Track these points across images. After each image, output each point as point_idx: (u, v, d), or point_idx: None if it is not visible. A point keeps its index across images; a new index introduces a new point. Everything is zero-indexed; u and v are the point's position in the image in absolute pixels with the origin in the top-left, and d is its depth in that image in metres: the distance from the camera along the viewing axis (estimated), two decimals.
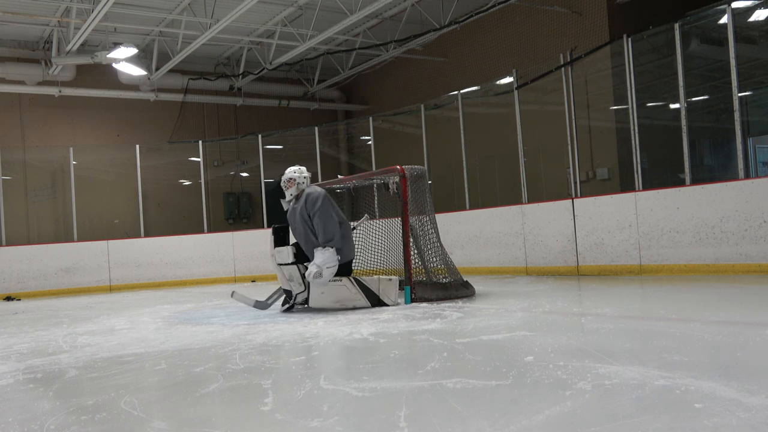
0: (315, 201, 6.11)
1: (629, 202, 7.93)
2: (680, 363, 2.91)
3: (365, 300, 5.99)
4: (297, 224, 6.25)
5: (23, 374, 3.69)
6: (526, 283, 7.85)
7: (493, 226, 9.77)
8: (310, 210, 6.11)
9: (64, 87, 13.39)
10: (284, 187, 6.35)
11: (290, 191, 6.32)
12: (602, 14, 10.73)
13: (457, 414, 2.36)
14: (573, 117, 8.96)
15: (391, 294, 6.06)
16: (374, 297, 6.00)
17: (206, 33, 11.40)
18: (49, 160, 13.65)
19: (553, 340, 3.69)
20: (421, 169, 6.67)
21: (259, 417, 2.54)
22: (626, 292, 6.15)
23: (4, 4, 10.73)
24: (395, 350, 3.80)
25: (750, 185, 6.92)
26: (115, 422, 2.56)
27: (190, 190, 14.04)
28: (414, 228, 6.46)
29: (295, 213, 6.27)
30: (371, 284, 6.04)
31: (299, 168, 6.38)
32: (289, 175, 6.34)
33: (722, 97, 9.25)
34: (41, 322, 6.61)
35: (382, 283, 6.07)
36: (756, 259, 6.76)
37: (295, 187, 6.31)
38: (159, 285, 11.68)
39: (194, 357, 3.98)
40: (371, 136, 12.79)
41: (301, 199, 6.27)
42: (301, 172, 6.35)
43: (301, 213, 6.17)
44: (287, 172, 6.36)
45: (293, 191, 6.32)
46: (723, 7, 7.47)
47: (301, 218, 6.16)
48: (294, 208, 6.32)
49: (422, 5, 11.98)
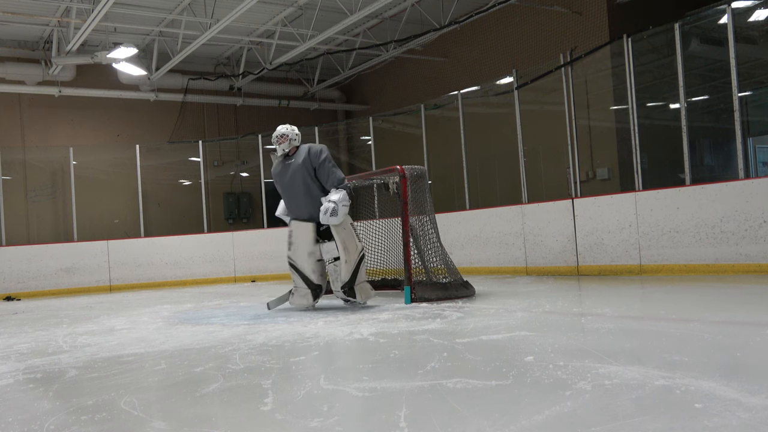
0: (320, 152, 6.10)
1: (629, 202, 7.93)
2: (680, 363, 2.91)
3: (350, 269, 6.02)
4: (293, 180, 6.13)
5: (23, 374, 3.69)
6: (526, 283, 7.85)
7: (493, 226, 9.77)
8: (315, 161, 6.06)
9: (64, 87, 13.40)
10: (276, 143, 6.26)
11: (282, 146, 6.23)
12: (602, 14, 10.73)
13: (457, 414, 2.36)
14: (573, 117, 8.96)
15: (363, 294, 6.14)
16: (354, 279, 6.06)
17: (206, 33, 11.40)
18: (49, 160, 13.65)
19: (553, 340, 3.69)
20: (421, 169, 6.67)
21: (259, 417, 2.54)
22: (626, 292, 6.15)
23: (4, 4, 10.73)
24: (395, 350, 3.80)
25: (750, 185, 6.92)
26: (115, 422, 2.56)
27: (190, 190, 14.04)
28: (414, 228, 6.46)
29: (288, 170, 6.18)
30: (361, 273, 6.14)
31: (290, 126, 6.33)
32: (281, 131, 6.27)
33: (722, 97, 9.25)
34: (41, 322, 6.61)
35: (365, 286, 6.18)
36: (756, 259, 6.76)
37: (287, 143, 6.23)
38: (159, 285, 11.68)
39: (194, 357, 3.98)
40: (371, 136, 12.79)
41: (297, 154, 6.19)
42: (293, 129, 6.29)
43: (302, 166, 6.08)
44: (279, 128, 6.29)
45: (285, 147, 6.23)
46: (723, 7, 7.47)
47: (302, 172, 6.07)
48: (287, 165, 6.21)
49: (422, 5, 11.98)
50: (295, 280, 6.21)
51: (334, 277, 6.21)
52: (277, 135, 6.25)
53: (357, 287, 6.11)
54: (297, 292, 6.20)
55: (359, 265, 6.11)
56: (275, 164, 6.41)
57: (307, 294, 6.15)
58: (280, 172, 6.31)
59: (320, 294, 6.23)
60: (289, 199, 6.24)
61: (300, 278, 6.16)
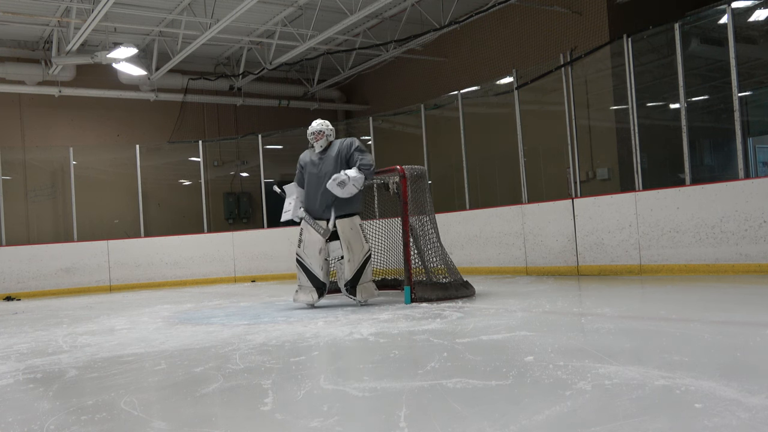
0: (351, 144, 6.30)
1: (629, 202, 7.93)
2: (680, 363, 2.91)
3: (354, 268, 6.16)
4: (324, 173, 6.24)
5: (23, 374, 3.69)
6: (526, 283, 7.85)
7: (493, 226, 9.77)
8: (347, 150, 6.24)
9: (64, 87, 13.40)
10: (312, 140, 6.41)
11: (320, 143, 6.39)
12: (602, 14, 10.73)
13: (457, 414, 2.36)
14: (573, 117, 8.96)
15: (364, 294, 6.25)
16: (357, 278, 6.18)
17: (206, 33, 11.40)
18: (49, 160, 13.65)
19: (553, 340, 3.69)
20: (421, 169, 6.67)
21: (259, 417, 2.54)
22: (626, 292, 6.15)
23: (4, 4, 10.72)
24: (395, 350, 3.80)
25: (750, 185, 6.92)
26: (115, 422, 2.56)
27: (190, 190, 14.03)
28: (414, 228, 6.46)
29: (321, 162, 6.32)
30: (366, 273, 6.24)
31: (324, 121, 6.49)
32: (317, 128, 6.41)
33: (722, 97, 9.25)
34: (41, 322, 6.61)
35: (369, 285, 6.29)
36: (756, 259, 6.76)
37: (324, 139, 6.40)
38: (159, 285, 11.68)
39: (194, 357, 3.98)
40: (371, 136, 12.79)
41: (332, 149, 6.35)
42: (328, 125, 6.46)
43: (335, 160, 6.23)
44: (314, 124, 6.44)
45: (323, 143, 6.40)
46: (723, 7, 7.47)
47: (334, 166, 6.20)
48: (320, 157, 6.36)
49: (422, 5, 11.98)
50: (300, 278, 6.31)
51: (340, 275, 6.34)
52: (314, 131, 6.40)
53: (359, 286, 6.21)
54: (301, 290, 6.30)
55: (364, 265, 6.22)
56: (305, 153, 6.56)
57: (312, 291, 6.27)
58: (310, 161, 6.43)
59: (324, 292, 6.34)
60: (314, 191, 6.30)
61: (306, 276, 6.26)
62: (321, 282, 6.28)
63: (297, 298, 6.34)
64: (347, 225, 6.22)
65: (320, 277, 6.25)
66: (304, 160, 6.55)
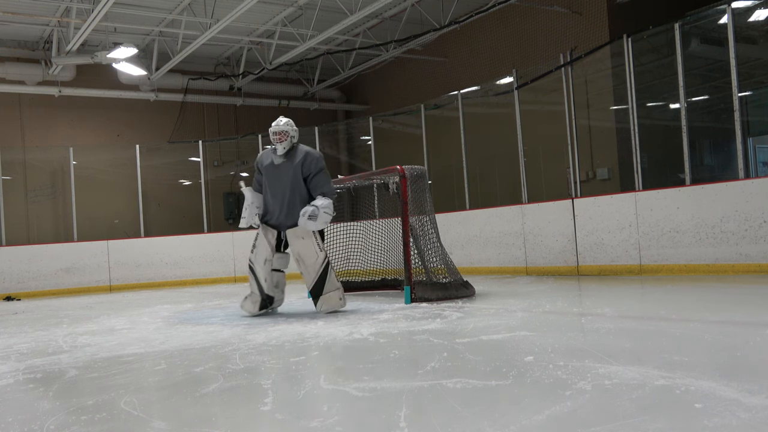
0: (318, 160, 5.82)
1: (629, 202, 7.93)
2: (680, 363, 2.91)
3: (313, 279, 5.73)
4: (282, 181, 5.79)
5: (23, 374, 3.69)
6: (526, 283, 7.85)
7: (493, 226, 9.77)
8: (313, 168, 5.76)
9: (64, 87, 13.39)
10: (274, 140, 5.82)
11: (283, 145, 5.83)
12: (602, 14, 10.73)
13: (457, 414, 2.36)
14: (573, 117, 8.96)
15: (325, 305, 5.78)
16: (319, 288, 5.75)
17: (206, 33, 11.40)
18: (49, 160, 13.65)
19: (553, 340, 3.69)
20: (421, 169, 6.67)
21: (259, 417, 2.54)
22: (626, 292, 6.15)
23: (4, 4, 10.72)
24: (395, 350, 3.80)
25: (750, 185, 6.92)
26: (115, 422, 2.56)
27: (190, 190, 14.03)
28: (414, 228, 6.46)
29: (280, 168, 5.82)
30: (329, 282, 5.77)
31: (288, 120, 5.91)
32: (281, 128, 5.82)
33: (722, 97, 9.25)
34: (41, 322, 6.61)
35: (333, 295, 5.78)
36: (756, 259, 6.76)
37: (288, 141, 5.85)
38: (159, 285, 11.68)
39: (194, 357, 3.98)
40: (371, 136, 12.79)
41: (294, 155, 5.83)
42: (292, 125, 5.88)
43: (295, 170, 5.75)
44: (277, 124, 5.84)
45: (286, 145, 5.84)
46: (723, 7, 7.47)
47: (294, 175, 5.74)
48: (280, 162, 5.83)
49: (422, 5, 11.98)
50: (251, 285, 5.93)
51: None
52: (277, 132, 5.84)
53: (322, 297, 5.79)
54: (250, 297, 5.90)
55: (325, 274, 5.75)
56: (264, 154, 6.04)
57: (257, 301, 5.84)
58: (270, 164, 5.92)
59: (268, 306, 5.90)
60: (272, 198, 5.87)
61: (255, 284, 5.87)
62: (266, 294, 5.84)
63: (243, 305, 5.93)
64: (297, 235, 5.76)
65: (264, 287, 5.82)
66: (262, 162, 5.99)
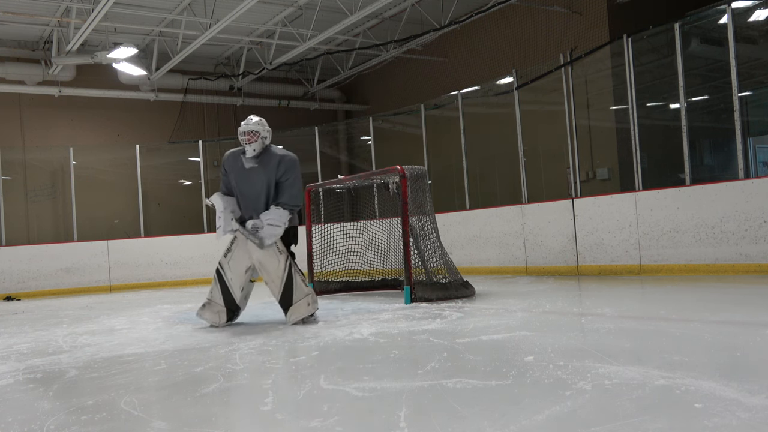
0: (294, 166, 5.31)
1: (629, 202, 7.93)
2: (680, 363, 2.91)
3: (278, 289, 5.21)
4: (254, 186, 5.30)
5: (23, 374, 3.69)
6: (526, 283, 7.85)
7: (493, 226, 9.77)
8: (288, 174, 5.26)
9: (64, 87, 13.39)
10: (244, 141, 5.29)
11: (253, 146, 5.27)
12: (602, 14, 10.73)
13: (457, 414, 2.36)
14: (573, 117, 8.96)
15: (293, 314, 5.18)
16: (288, 298, 5.20)
17: (206, 33, 11.40)
18: (49, 160, 13.65)
19: (553, 340, 3.69)
20: (421, 169, 6.67)
21: (259, 417, 2.54)
22: (626, 292, 6.15)
23: (4, 4, 10.72)
24: (395, 350, 3.80)
25: (750, 185, 6.92)
26: (115, 422, 2.56)
27: (190, 190, 14.03)
28: (414, 228, 6.46)
29: (251, 173, 5.30)
30: (297, 290, 5.21)
31: (261, 119, 5.38)
32: (251, 127, 5.28)
33: (722, 97, 9.25)
34: (41, 322, 6.61)
35: (302, 303, 5.18)
36: (756, 259, 6.76)
37: (259, 142, 5.29)
38: (159, 285, 11.68)
39: (194, 357, 3.98)
40: (371, 136, 12.78)
41: (266, 158, 5.31)
42: (264, 124, 5.37)
43: (267, 174, 5.26)
44: (247, 123, 5.31)
45: (257, 147, 5.29)
46: (723, 7, 7.47)
47: (266, 180, 5.27)
48: (249, 166, 5.30)
49: (422, 5, 11.98)
50: (213, 293, 5.32)
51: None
52: (247, 131, 5.28)
53: (291, 308, 5.20)
54: (209, 305, 5.30)
55: (290, 281, 5.19)
56: (231, 154, 5.47)
57: (221, 311, 5.28)
58: (239, 168, 5.36)
59: (236, 317, 5.41)
60: (245, 205, 5.39)
61: (220, 292, 5.29)
62: (236, 304, 5.32)
63: (202, 314, 5.31)
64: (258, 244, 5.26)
65: (236, 298, 5.29)
66: (230, 164, 5.42)
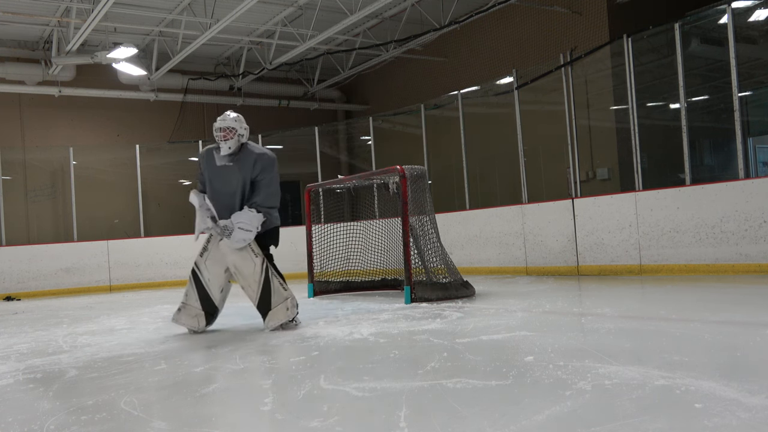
0: (272, 165, 5.06)
1: (629, 202, 7.93)
2: (680, 363, 2.91)
3: (256, 294, 4.94)
4: (229, 186, 5.04)
5: (23, 374, 3.69)
6: (526, 283, 7.85)
7: (493, 226, 9.77)
8: (264, 173, 5.01)
9: (64, 87, 13.39)
10: (219, 138, 5.01)
11: (229, 144, 5.00)
12: (602, 14, 10.73)
13: (457, 414, 2.36)
14: (573, 117, 8.96)
15: (272, 320, 4.92)
16: (266, 303, 4.94)
17: (206, 33, 11.40)
18: (49, 160, 13.65)
19: (553, 340, 3.69)
20: (421, 169, 6.67)
21: (259, 417, 2.54)
22: (626, 292, 6.15)
23: (4, 4, 10.72)
24: (395, 350, 3.80)
25: (750, 185, 6.92)
26: (115, 422, 2.56)
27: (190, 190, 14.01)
28: (414, 228, 6.46)
29: (225, 171, 5.04)
30: (275, 294, 4.94)
31: (238, 115, 5.11)
32: (227, 123, 5.00)
33: (722, 97, 9.25)
34: (41, 322, 6.61)
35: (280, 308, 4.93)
36: (756, 259, 6.76)
37: (235, 140, 5.01)
38: (159, 285, 11.68)
39: (194, 357, 3.98)
40: (371, 136, 12.78)
41: (244, 157, 5.04)
42: (242, 121, 5.09)
43: (243, 173, 5.00)
44: (223, 119, 5.04)
45: (233, 144, 5.01)
46: (723, 7, 7.47)
47: (242, 180, 5.00)
48: (224, 164, 5.04)
49: (422, 5, 11.98)
50: (189, 296, 5.05)
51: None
52: (223, 128, 5.01)
53: (270, 313, 4.95)
54: (185, 309, 5.02)
55: (267, 284, 4.93)
56: (207, 151, 5.23)
57: (199, 315, 5.00)
58: (216, 171, 5.11)
59: (214, 319, 5.13)
60: (218, 204, 5.09)
61: (196, 294, 5.02)
62: (214, 306, 5.05)
63: (178, 319, 5.02)
64: (232, 246, 5.00)
65: (215, 300, 5.02)
66: (204, 161, 5.20)
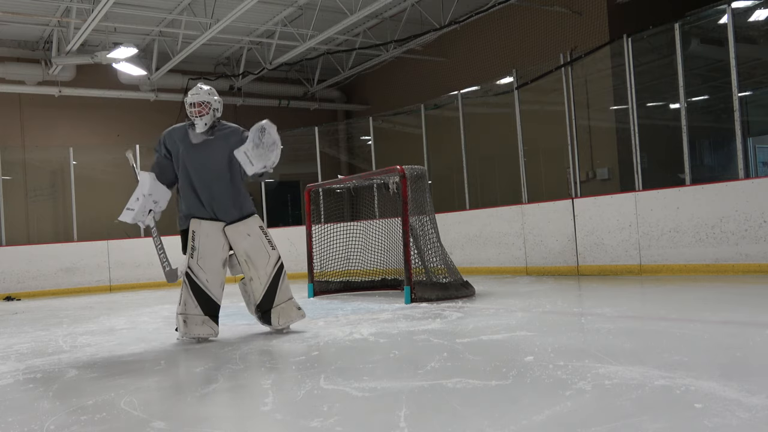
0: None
1: (629, 202, 7.93)
2: (680, 363, 2.91)
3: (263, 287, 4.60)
4: (211, 165, 4.64)
5: (23, 374, 3.69)
6: (526, 283, 7.85)
7: (493, 226, 9.77)
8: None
9: (64, 87, 13.39)
10: (192, 114, 4.68)
11: (204, 120, 4.67)
12: (602, 14, 10.73)
13: (457, 414, 2.36)
14: (573, 117, 8.96)
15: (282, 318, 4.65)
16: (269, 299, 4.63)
17: (206, 33, 11.40)
18: (49, 160, 13.64)
19: (553, 340, 3.69)
20: (421, 169, 6.68)
21: (259, 417, 2.54)
22: (626, 292, 6.15)
23: (4, 4, 10.72)
24: (395, 350, 3.80)
25: (750, 185, 6.92)
26: (115, 422, 2.56)
27: None
28: (414, 228, 6.46)
29: (203, 146, 4.67)
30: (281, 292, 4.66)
31: (211, 88, 4.80)
32: (201, 97, 4.65)
33: (722, 97, 9.25)
34: (41, 322, 6.61)
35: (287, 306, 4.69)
36: (756, 259, 6.76)
37: (210, 114, 4.69)
38: (159, 285, 11.67)
39: (194, 357, 3.98)
40: (371, 136, 12.78)
41: (223, 129, 4.75)
42: (215, 94, 4.78)
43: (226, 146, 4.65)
44: (197, 93, 4.69)
45: (208, 120, 4.69)
46: (723, 7, 7.47)
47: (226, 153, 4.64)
48: (201, 140, 4.68)
49: (422, 5, 11.98)
50: (188, 305, 4.48)
51: (247, 299, 4.82)
52: (197, 102, 4.65)
53: (274, 310, 4.63)
54: (190, 321, 4.45)
55: (277, 279, 4.63)
56: (173, 130, 4.88)
57: (207, 321, 4.50)
58: (185, 146, 4.70)
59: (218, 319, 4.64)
60: (193, 187, 4.70)
61: (195, 301, 4.48)
62: (216, 306, 4.58)
63: (188, 332, 4.45)
64: (241, 232, 4.63)
65: (217, 299, 4.56)
66: (173, 140, 4.78)
